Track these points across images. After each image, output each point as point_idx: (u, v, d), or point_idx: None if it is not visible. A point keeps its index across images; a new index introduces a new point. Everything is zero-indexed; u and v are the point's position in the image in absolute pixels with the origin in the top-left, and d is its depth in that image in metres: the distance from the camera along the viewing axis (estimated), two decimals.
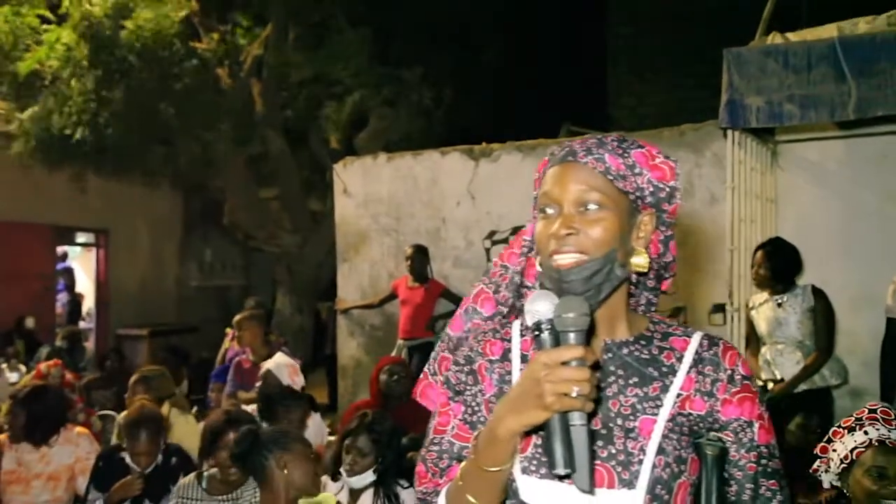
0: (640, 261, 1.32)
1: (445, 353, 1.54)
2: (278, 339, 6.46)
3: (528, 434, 1.21)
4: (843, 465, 2.35)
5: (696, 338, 1.37)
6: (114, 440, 4.38)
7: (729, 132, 4.92)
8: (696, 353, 1.34)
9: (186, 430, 4.43)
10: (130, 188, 10.46)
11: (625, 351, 1.35)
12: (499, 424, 1.17)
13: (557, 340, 1.15)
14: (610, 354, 1.35)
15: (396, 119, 10.17)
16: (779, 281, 4.56)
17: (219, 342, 7.29)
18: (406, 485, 3.22)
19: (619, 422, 1.29)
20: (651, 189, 1.33)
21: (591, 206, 1.27)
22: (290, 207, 10.19)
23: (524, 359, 1.37)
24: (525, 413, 1.13)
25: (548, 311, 1.16)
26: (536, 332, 1.17)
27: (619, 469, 1.26)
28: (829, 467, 2.40)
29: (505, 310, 1.51)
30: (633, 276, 1.38)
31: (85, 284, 12.10)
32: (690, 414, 1.31)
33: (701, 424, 1.32)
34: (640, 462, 1.26)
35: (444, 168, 7.18)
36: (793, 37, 5.10)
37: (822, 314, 4.52)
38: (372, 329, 7.52)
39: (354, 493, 3.10)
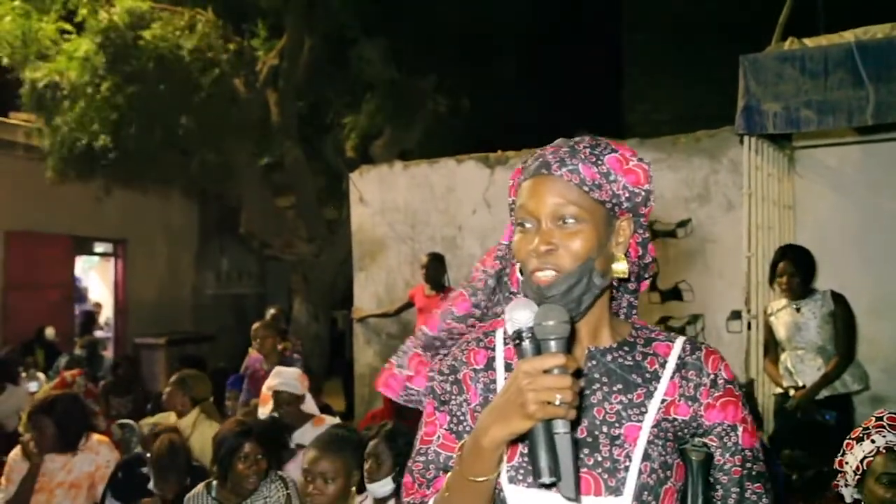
0: (620, 267, 1.33)
1: (418, 350, 1.56)
2: (294, 347, 6.49)
3: (513, 443, 1.22)
4: (857, 477, 2.33)
5: (678, 343, 1.38)
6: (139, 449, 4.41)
7: (746, 138, 4.91)
8: (680, 357, 1.35)
9: (210, 437, 4.47)
10: (147, 198, 10.56)
11: (608, 358, 1.35)
12: (483, 434, 1.17)
13: (539, 349, 1.15)
14: (594, 362, 1.35)
15: (412, 128, 10.20)
16: (807, 287, 4.54)
17: (235, 351, 7.32)
18: None
19: (605, 429, 1.30)
20: (627, 195, 1.33)
21: (569, 220, 1.28)
22: (306, 216, 10.22)
23: (508, 367, 1.36)
24: (509, 422, 1.14)
25: (528, 320, 1.17)
26: (517, 341, 1.17)
27: (606, 476, 1.27)
28: (847, 481, 2.38)
29: (478, 312, 1.51)
30: (614, 281, 1.38)
31: (103, 294, 12.19)
32: (675, 419, 1.32)
33: (685, 430, 1.32)
34: (626, 469, 1.27)
35: (459, 176, 7.19)
36: (809, 42, 5.08)
37: (843, 319, 4.49)
38: (388, 337, 7.52)
39: (378, 503, 3.11)
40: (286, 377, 4.55)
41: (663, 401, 1.32)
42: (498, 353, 1.39)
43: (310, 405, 4.63)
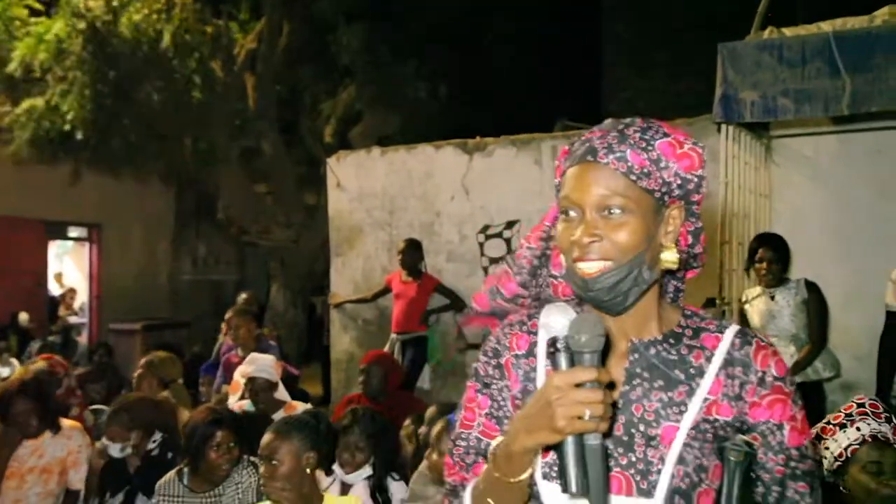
0: (670, 257, 1.27)
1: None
2: (270, 334, 6.45)
3: (549, 448, 1.19)
4: (839, 463, 2.34)
5: (728, 335, 1.31)
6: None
7: (723, 127, 4.92)
8: (728, 353, 1.29)
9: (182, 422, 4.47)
10: (123, 183, 10.42)
11: (652, 351, 1.31)
12: (513, 441, 1.16)
13: (572, 359, 1.11)
14: (636, 355, 1.31)
15: (391, 113, 10.15)
16: (783, 276, 4.57)
17: (212, 337, 7.27)
18: (397, 477, 3.21)
19: (642, 428, 1.26)
20: (679, 182, 1.26)
21: (615, 211, 1.22)
22: (284, 202, 10.17)
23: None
24: (537, 433, 1.12)
25: (563, 328, 1.14)
26: (551, 350, 1.14)
27: (638, 478, 1.24)
28: (825, 466, 2.39)
29: (525, 292, 1.46)
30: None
31: (77, 279, 12.06)
32: (716, 420, 1.26)
33: (728, 429, 1.27)
34: (659, 472, 1.23)
35: (437, 162, 7.17)
36: (788, 32, 5.09)
37: (816, 307, 4.53)
38: (365, 323, 7.51)
39: (346, 486, 3.10)
40: (261, 364, 4.53)
41: (705, 399, 1.27)
42: (540, 338, 1.35)
43: (281, 392, 4.62)
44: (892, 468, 2.25)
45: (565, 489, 1.10)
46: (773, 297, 4.59)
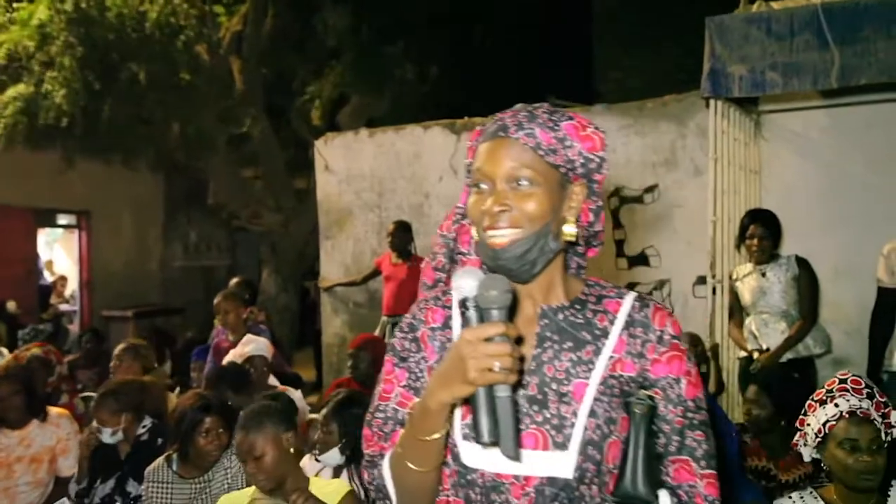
0: (570, 230, 1.36)
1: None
2: (260, 317, 6.41)
3: (466, 402, 1.26)
4: (819, 440, 2.33)
5: (628, 300, 1.42)
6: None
7: (712, 102, 4.89)
8: (629, 315, 1.40)
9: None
10: (111, 169, 10.35)
11: (560, 316, 1.40)
12: (430, 397, 1.25)
13: (482, 317, 1.20)
14: (546, 320, 1.40)
15: (380, 95, 10.08)
16: (774, 252, 4.56)
17: (205, 323, 7.23)
18: None
19: (554, 386, 1.35)
20: (582, 160, 1.36)
21: (523, 182, 1.32)
22: (274, 186, 10.11)
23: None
24: (452, 387, 1.20)
25: (472, 289, 1.21)
26: (462, 309, 1.23)
27: (553, 432, 1.32)
28: (807, 441, 2.38)
29: (443, 275, 1.55)
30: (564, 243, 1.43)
31: (68, 267, 12.01)
32: (621, 376, 1.36)
33: (631, 385, 1.37)
34: (573, 425, 1.32)
35: (426, 143, 7.13)
36: (776, 5, 5.05)
37: (806, 282, 4.52)
38: (356, 306, 7.48)
39: (336, 471, 3.08)
40: (260, 344, 4.62)
41: (611, 357, 1.37)
42: (455, 311, 1.44)
43: (270, 377, 4.63)
44: (868, 444, 2.24)
45: (478, 439, 1.18)
46: (763, 274, 4.57)
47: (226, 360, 4.79)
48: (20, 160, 8.87)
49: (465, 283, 1.22)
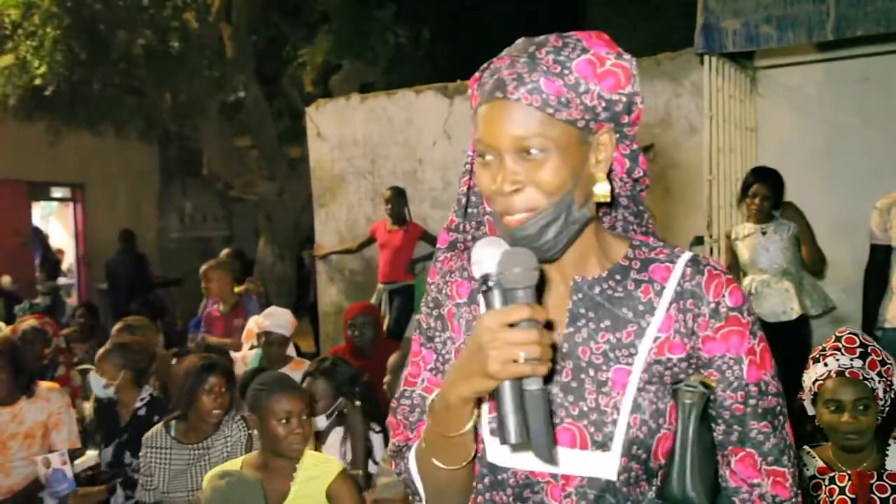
0: (601, 189, 1.15)
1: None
2: (257, 288, 6.39)
3: (490, 397, 1.09)
4: (811, 398, 2.32)
5: (679, 265, 1.19)
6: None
7: (706, 59, 4.80)
8: (679, 284, 1.17)
9: None
10: (104, 141, 10.28)
11: (596, 290, 1.19)
12: (449, 391, 1.08)
13: (505, 297, 1.02)
14: (580, 295, 1.20)
15: (372, 60, 9.95)
16: (774, 212, 4.51)
17: (203, 294, 7.22)
18: (378, 429, 3.17)
19: (591, 372, 1.16)
20: (603, 104, 1.11)
21: (534, 152, 1.09)
22: (267, 155, 10.04)
23: None
24: (472, 381, 1.03)
25: (494, 264, 1.04)
26: (483, 288, 1.04)
27: (592, 430, 1.15)
28: (805, 398, 2.38)
29: (458, 236, 1.33)
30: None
31: (64, 240, 11.97)
32: (670, 359, 1.16)
33: (682, 367, 1.17)
34: (614, 422, 1.14)
35: (418, 107, 7.03)
36: None
37: (804, 224, 4.53)
38: (352, 274, 7.45)
39: (319, 435, 3.06)
40: (278, 319, 4.53)
41: (656, 338, 1.17)
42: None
43: (290, 348, 4.63)
44: (853, 405, 2.21)
45: (504, 440, 1.00)
46: (764, 233, 4.52)
47: (247, 328, 4.79)
48: (13, 132, 8.82)
49: (487, 255, 1.05)
